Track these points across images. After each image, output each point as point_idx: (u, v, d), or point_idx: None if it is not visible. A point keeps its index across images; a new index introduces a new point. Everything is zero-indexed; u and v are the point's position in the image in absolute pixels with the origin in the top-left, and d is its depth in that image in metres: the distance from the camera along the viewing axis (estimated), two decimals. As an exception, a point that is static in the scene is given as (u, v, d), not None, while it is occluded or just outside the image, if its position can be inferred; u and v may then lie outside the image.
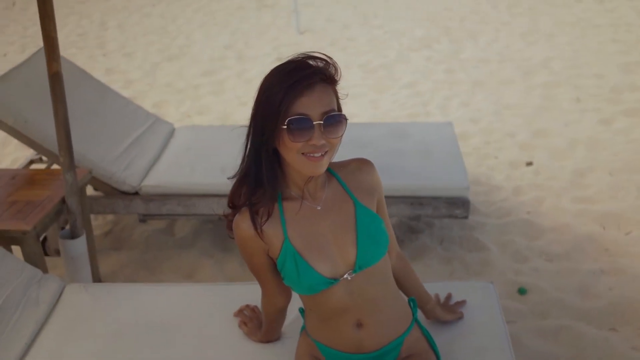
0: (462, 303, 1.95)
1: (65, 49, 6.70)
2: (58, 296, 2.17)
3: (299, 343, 1.72)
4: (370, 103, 5.17)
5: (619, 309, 2.63)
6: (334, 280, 1.47)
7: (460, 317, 1.90)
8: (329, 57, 1.39)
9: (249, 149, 1.42)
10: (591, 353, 2.39)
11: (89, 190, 3.26)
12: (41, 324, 2.02)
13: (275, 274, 1.56)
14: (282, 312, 1.75)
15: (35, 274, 2.22)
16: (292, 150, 1.35)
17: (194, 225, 3.45)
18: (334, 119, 1.35)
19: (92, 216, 3.55)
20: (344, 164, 1.58)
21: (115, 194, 3.07)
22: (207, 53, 6.84)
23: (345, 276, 1.48)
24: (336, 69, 1.39)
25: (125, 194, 3.07)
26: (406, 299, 1.71)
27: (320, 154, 1.36)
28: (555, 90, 5.17)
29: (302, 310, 1.72)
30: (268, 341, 1.87)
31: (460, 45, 6.56)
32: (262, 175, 1.41)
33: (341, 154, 1.50)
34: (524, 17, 7.51)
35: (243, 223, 1.47)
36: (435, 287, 2.04)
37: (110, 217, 3.57)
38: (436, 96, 5.20)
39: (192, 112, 5.22)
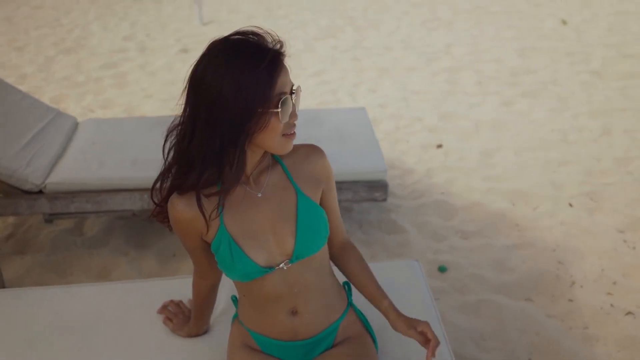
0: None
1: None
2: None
3: (232, 332, 1.66)
4: (279, 92, 5.11)
5: (531, 281, 2.74)
6: (269, 268, 1.41)
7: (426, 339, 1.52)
8: (270, 30, 1.33)
9: (213, 142, 1.27)
10: (511, 323, 2.47)
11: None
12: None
13: (209, 253, 1.48)
14: (213, 290, 1.67)
15: None
16: (276, 132, 1.29)
17: (104, 222, 3.28)
18: (298, 90, 1.32)
19: (-9, 219, 3.31)
20: (291, 150, 1.50)
21: (17, 194, 2.85)
22: (107, 45, 6.55)
23: (281, 265, 1.43)
24: (281, 39, 1.33)
25: (28, 193, 2.86)
26: (341, 283, 1.68)
27: (294, 128, 1.34)
28: (458, 75, 5.33)
29: (234, 299, 1.66)
30: (196, 334, 1.80)
31: (363, 34, 6.63)
32: (224, 167, 1.31)
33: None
34: (423, 6, 7.71)
35: (180, 204, 1.38)
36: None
37: (11, 219, 3.33)
38: (345, 83, 5.23)
39: (95, 107, 4.97)
